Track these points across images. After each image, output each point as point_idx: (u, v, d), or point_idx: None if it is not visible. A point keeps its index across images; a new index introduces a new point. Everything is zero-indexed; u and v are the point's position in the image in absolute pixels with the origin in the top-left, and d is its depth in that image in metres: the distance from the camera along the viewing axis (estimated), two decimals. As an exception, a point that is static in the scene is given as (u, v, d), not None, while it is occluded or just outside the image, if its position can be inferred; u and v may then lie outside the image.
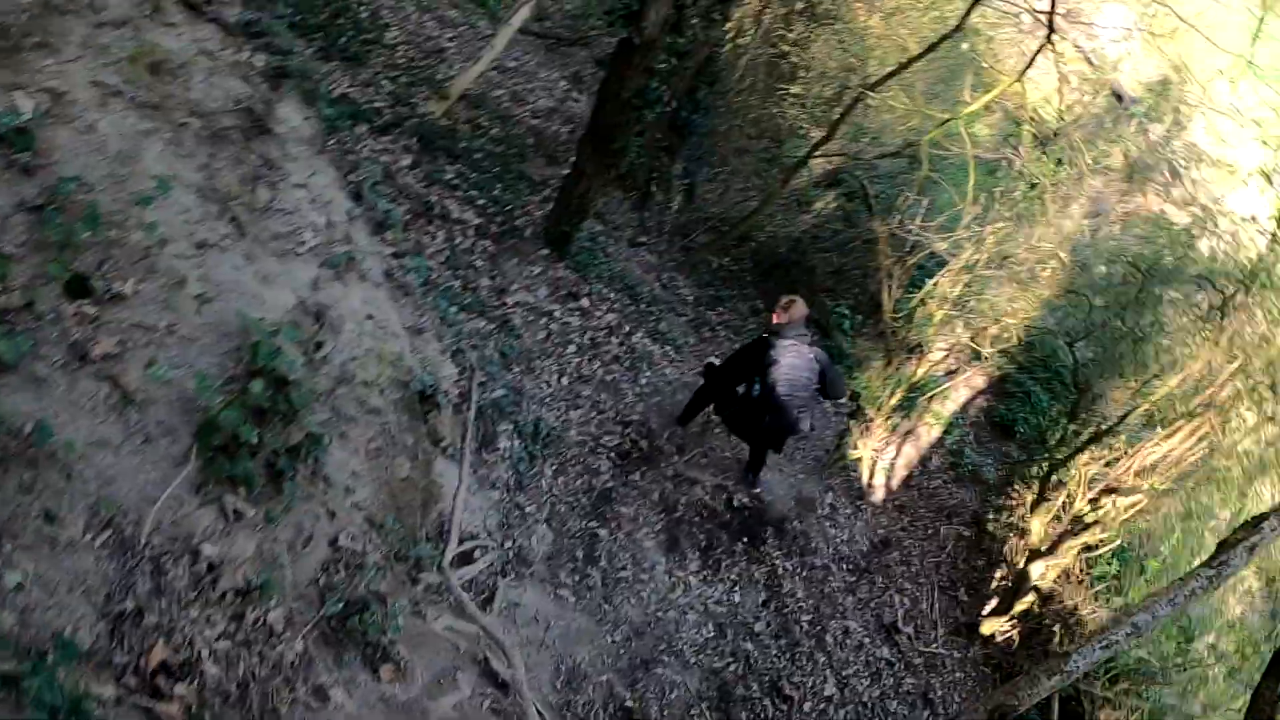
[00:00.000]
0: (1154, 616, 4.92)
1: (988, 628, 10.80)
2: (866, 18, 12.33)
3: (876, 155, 10.42)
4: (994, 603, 11.14)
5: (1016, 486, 12.25)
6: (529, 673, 7.41)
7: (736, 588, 9.59)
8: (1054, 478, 10.83)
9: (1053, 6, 8.02)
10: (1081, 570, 10.68)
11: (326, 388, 5.32)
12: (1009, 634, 10.72)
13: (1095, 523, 9.99)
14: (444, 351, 6.99)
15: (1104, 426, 10.27)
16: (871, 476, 11.76)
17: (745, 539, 9.97)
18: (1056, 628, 10.68)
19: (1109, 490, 9.91)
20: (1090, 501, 10.08)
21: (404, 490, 6.28)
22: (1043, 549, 10.43)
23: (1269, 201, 9.34)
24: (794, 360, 8.39)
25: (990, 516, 12.03)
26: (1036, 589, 10.52)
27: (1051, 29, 8.10)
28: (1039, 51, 8.75)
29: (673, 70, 9.68)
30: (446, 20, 13.21)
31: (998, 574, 11.52)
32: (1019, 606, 10.60)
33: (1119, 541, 10.14)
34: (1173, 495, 9.54)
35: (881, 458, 12.01)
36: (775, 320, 8.52)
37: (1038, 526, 10.64)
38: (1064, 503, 10.44)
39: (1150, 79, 13.18)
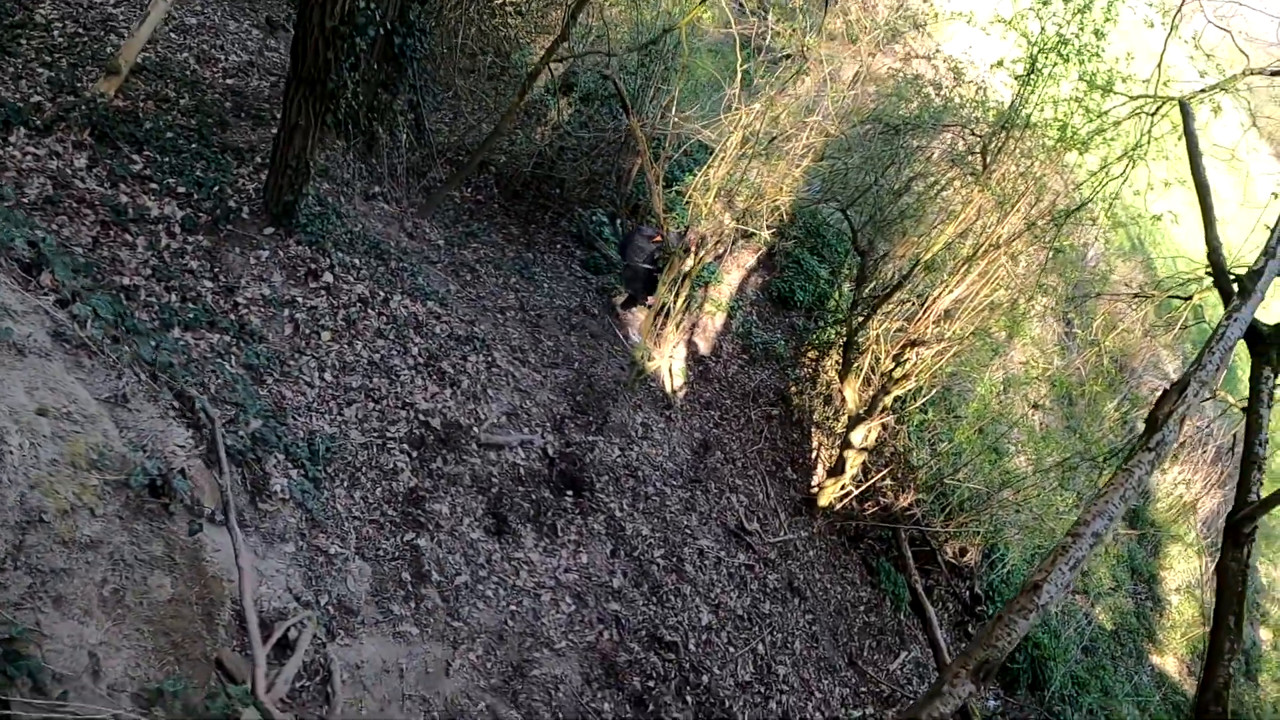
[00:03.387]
0: (1110, 518, 4.09)
1: (824, 499, 10.23)
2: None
3: (630, 49, 8.89)
4: (822, 473, 10.60)
5: (811, 354, 11.68)
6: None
7: (580, 548, 8.33)
8: (855, 341, 10.24)
9: None
10: (899, 423, 10.29)
11: (9, 546, 3.33)
12: (846, 499, 10.22)
13: (904, 376, 9.49)
14: (164, 413, 4.92)
15: (893, 284, 9.71)
16: (672, 382, 10.72)
17: (571, 491, 8.70)
18: (889, 481, 10.31)
19: (911, 344, 9.39)
20: (894, 358, 9.55)
21: (174, 617, 4.38)
22: (860, 413, 9.87)
23: (1013, 46, 8.79)
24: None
25: (793, 389, 11.40)
26: (862, 451, 10.00)
27: None
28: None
29: (381, -16, 7.57)
30: (108, -18, 10.08)
31: (816, 443, 10.97)
32: (849, 471, 10.07)
33: (931, 390, 9.75)
34: (976, 335, 9.14)
35: (676, 360, 10.99)
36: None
37: (851, 394, 10.04)
38: (870, 364, 9.87)
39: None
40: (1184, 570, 14.96)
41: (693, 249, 10.16)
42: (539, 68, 8.70)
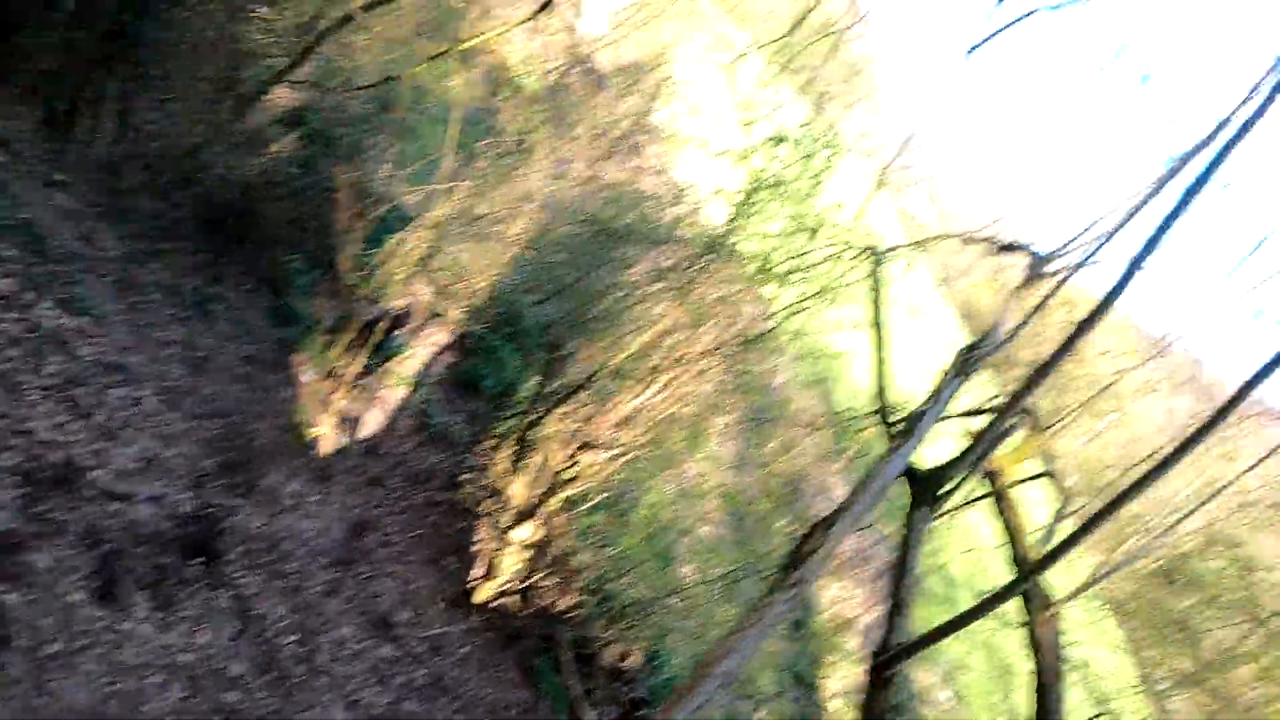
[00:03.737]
0: (742, 657, 4.27)
1: (481, 595, 10.03)
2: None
3: (354, 88, 8.53)
4: (482, 569, 10.43)
5: (489, 444, 11.61)
6: None
7: (201, 624, 7.46)
8: (530, 436, 10.33)
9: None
10: (567, 524, 10.41)
11: None
12: (506, 596, 10.10)
13: (575, 477, 9.67)
14: None
15: (577, 384, 9.97)
16: (336, 452, 10.19)
17: (201, 557, 7.80)
18: (550, 583, 10.33)
19: (586, 446, 9.63)
20: (569, 458, 9.73)
21: None
22: (527, 510, 9.90)
23: (740, 175, 9.51)
24: None
25: (465, 478, 11.22)
26: (527, 548, 9.99)
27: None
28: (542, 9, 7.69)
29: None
30: None
31: (480, 536, 10.82)
32: (511, 569, 9.99)
33: (602, 494, 9.98)
34: (653, 445, 9.53)
35: (344, 430, 10.47)
36: None
37: (519, 489, 10.06)
38: (543, 462, 9.99)
39: (629, 61, 12.97)
40: (844, 676, 16.04)
41: (379, 318, 9.87)
42: (264, 88, 8.20)
